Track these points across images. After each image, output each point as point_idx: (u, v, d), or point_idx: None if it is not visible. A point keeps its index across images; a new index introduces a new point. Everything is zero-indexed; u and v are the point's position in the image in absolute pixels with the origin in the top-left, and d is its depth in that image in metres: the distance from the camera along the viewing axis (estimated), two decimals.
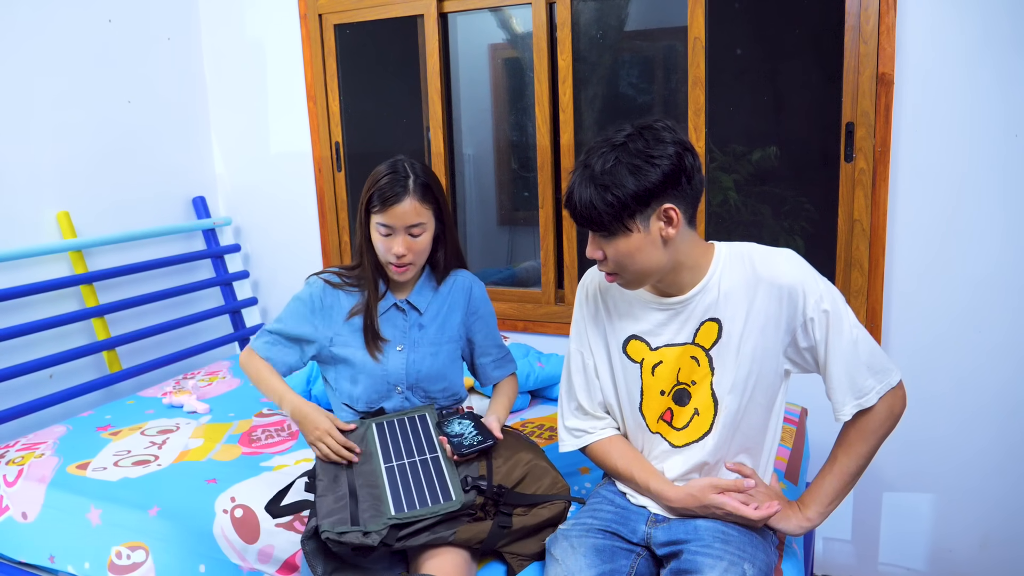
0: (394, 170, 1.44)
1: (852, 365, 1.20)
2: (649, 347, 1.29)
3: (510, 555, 1.33)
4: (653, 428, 1.31)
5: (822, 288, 1.20)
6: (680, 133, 1.19)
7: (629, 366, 1.31)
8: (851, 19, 1.91)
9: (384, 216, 1.42)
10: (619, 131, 1.19)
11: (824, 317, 1.19)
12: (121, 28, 2.48)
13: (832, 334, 1.20)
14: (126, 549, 1.59)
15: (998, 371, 1.91)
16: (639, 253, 1.18)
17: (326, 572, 1.25)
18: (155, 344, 2.58)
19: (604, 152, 1.17)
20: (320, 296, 1.52)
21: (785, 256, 1.23)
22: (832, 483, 1.25)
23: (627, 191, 1.14)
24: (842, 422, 1.25)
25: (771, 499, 1.25)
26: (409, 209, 1.41)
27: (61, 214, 2.29)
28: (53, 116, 2.29)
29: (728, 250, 1.26)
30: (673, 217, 1.16)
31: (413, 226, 1.43)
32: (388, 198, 1.41)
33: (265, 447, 1.85)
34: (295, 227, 2.79)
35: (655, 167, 1.14)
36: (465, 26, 2.53)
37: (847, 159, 1.98)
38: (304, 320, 1.51)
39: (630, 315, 1.31)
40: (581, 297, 1.39)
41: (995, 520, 1.98)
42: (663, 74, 2.29)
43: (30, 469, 1.78)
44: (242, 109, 2.79)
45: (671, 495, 1.26)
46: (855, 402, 1.22)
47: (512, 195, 2.62)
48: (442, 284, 1.57)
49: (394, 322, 1.53)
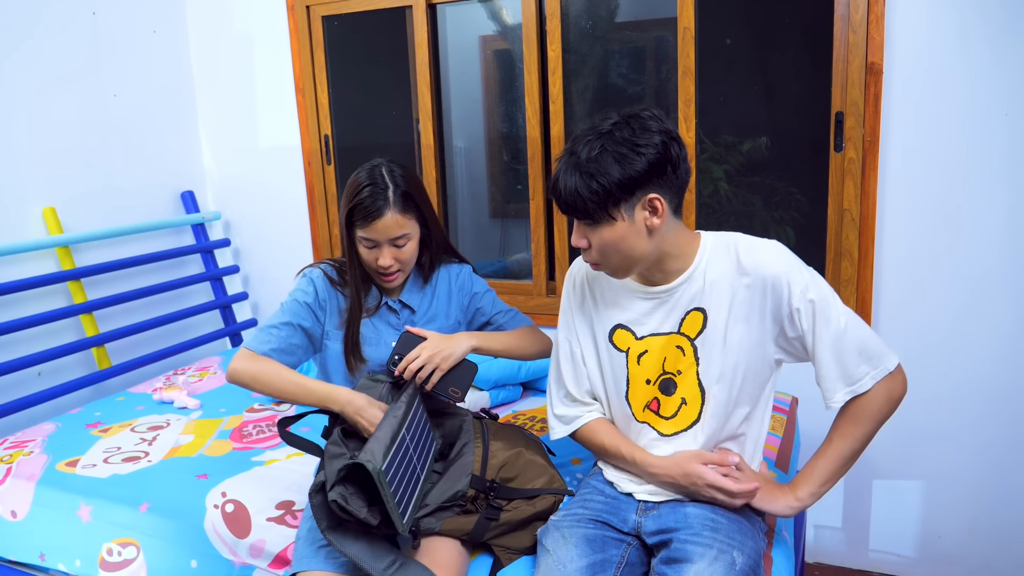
0: (372, 180, 1.39)
1: (841, 353, 1.20)
2: (635, 336, 1.30)
3: (499, 548, 1.33)
4: (640, 417, 1.32)
5: (807, 278, 1.20)
6: (667, 122, 1.19)
7: (615, 355, 1.32)
8: (840, 8, 1.91)
9: (366, 231, 1.39)
10: (606, 119, 1.19)
11: (810, 307, 1.19)
12: (106, 21, 2.45)
13: (819, 323, 1.20)
14: (117, 546, 1.58)
15: (986, 360, 1.93)
16: (623, 242, 1.18)
17: (330, 527, 1.24)
18: (145, 340, 2.56)
19: (590, 140, 1.17)
20: (322, 288, 1.48)
21: (770, 247, 1.23)
22: (825, 465, 1.25)
23: (612, 179, 1.14)
24: (835, 409, 1.25)
25: (755, 480, 1.26)
26: (391, 223, 1.38)
27: (47, 210, 2.27)
28: (38, 110, 2.26)
29: (714, 240, 1.26)
30: (658, 207, 1.16)
31: (397, 238, 1.40)
32: (369, 214, 1.37)
33: (256, 442, 1.84)
34: (285, 221, 2.78)
35: (640, 156, 1.14)
36: (454, 17, 2.51)
37: (837, 149, 1.99)
38: (310, 313, 1.46)
39: (616, 304, 1.31)
40: (568, 286, 1.39)
41: (983, 507, 2.00)
42: (653, 64, 2.28)
43: (19, 467, 1.77)
44: (230, 102, 2.77)
45: (655, 463, 1.28)
46: (847, 389, 1.22)
47: (504, 187, 2.62)
48: (430, 280, 1.56)
49: (387, 320, 1.51)
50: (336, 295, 1.49)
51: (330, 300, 1.48)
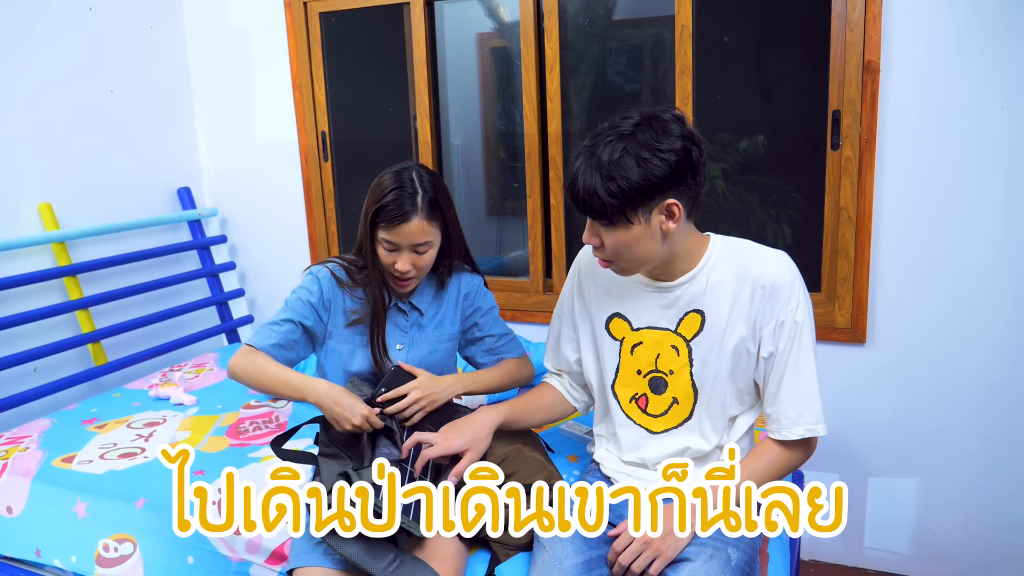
0: (400, 184, 1.36)
1: (808, 386, 1.22)
2: (631, 327, 1.30)
3: (496, 544, 1.33)
4: (626, 409, 1.32)
5: (802, 299, 1.21)
6: (688, 125, 1.17)
7: (610, 343, 1.33)
8: (838, 7, 1.91)
9: (389, 234, 1.37)
10: (626, 118, 1.16)
11: (794, 328, 1.21)
12: (102, 16, 2.44)
13: (795, 346, 1.21)
14: (113, 542, 1.58)
15: (980, 357, 1.93)
16: (637, 245, 1.17)
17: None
18: (141, 336, 2.56)
19: (611, 141, 1.14)
20: (328, 287, 1.47)
21: (779, 257, 1.23)
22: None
23: (632, 183, 1.12)
24: (783, 438, 1.24)
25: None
26: (416, 229, 1.36)
27: (43, 205, 2.26)
28: (34, 106, 2.25)
29: (723, 244, 1.27)
30: (675, 212, 1.16)
31: (419, 244, 1.38)
32: (394, 217, 1.35)
33: (253, 439, 1.84)
34: (282, 218, 2.77)
35: (663, 161, 1.12)
36: (452, 14, 2.51)
37: (833, 147, 1.99)
38: (312, 312, 1.46)
39: (615, 293, 1.32)
40: (573, 271, 1.41)
41: (977, 504, 2.01)
42: (651, 62, 2.28)
43: (15, 463, 1.76)
44: (227, 98, 2.76)
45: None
46: (808, 427, 1.22)
47: (501, 185, 2.62)
48: (445, 285, 1.54)
49: (395, 321, 1.51)
50: (342, 295, 1.48)
51: (335, 300, 1.47)
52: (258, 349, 1.40)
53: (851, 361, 2.05)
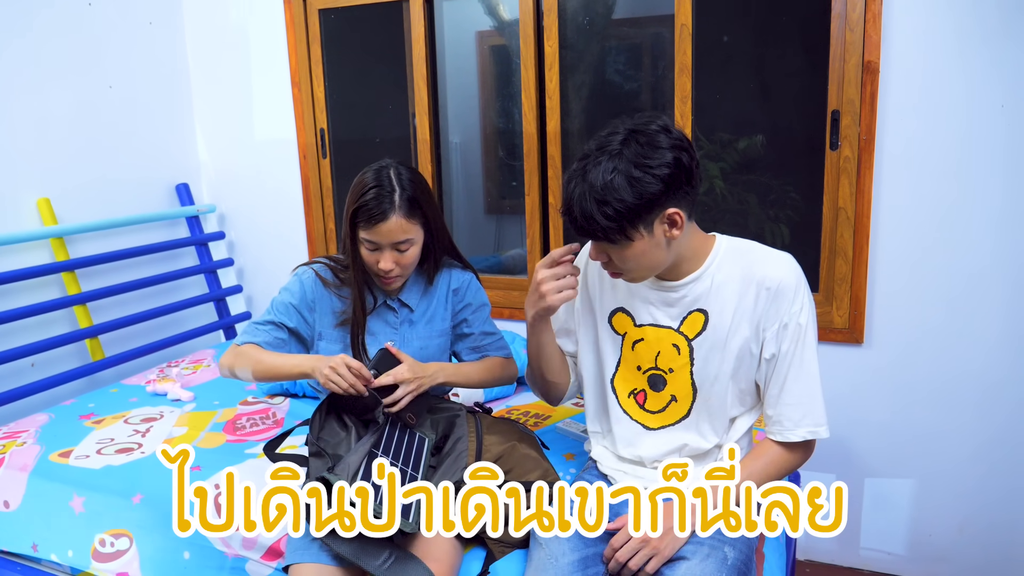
0: (379, 183, 1.37)
1: (812, 388, 1.22)
2: (634, 322, 1.30)
3: (492, 541, 1.33)
4: (624, 404, 1.32)
5: (807, 302, 1.22)
6: (675, 131, 1.14)
7: (612, 337, 1.33)
8: (837, 7, 1.91)
9: (369, 233, 1.37)
10: (613, 134, 1.14)
11: (798, 330, 1.21)
12: (101, 12, 2.44)
13: (799, 348, 1.21)
14: (110, 537, 1.58)
15: (978, 358, 1.94)
16: (644, 256, 1.17)
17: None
18: (139, 332, 2.56)
19: (600, 161, 1.12)
20: (312, 289, 1.48)
21: (784, 259, 1.23)
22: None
23: (627, 204, 1.10)
24: (785, 440, 1.25)
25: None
26: (395, 227, 1.36)
27: (41, 200, 2.26)
28: (33, 101, 2.25)
29: (728, 244, 1.27)
30: (677, 220, 1.15)
31: (400, 242, 1.39)
32: (373, 216, 1.35)
33: (250, 435, 1.84)
34: (280, 214, 2.77)
35: (654, 177, 1.10)
36: (451, 12, 2.51)
37: (832, 147, 1.99)
38: (295, 313, 1.47)
39: (620, 288, 1.32)
40: (580, 264, 1.39)
41: (973, 506, 2.01)
42: (650, 61, 2.28)
43: (12, 457, 1.76)
44: (226, 95, 2.76)
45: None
46: (811, 428, 1.23)
47: (499, 183, 2.62)
48: (433, 281, 1.55)
49: (385, 318, 1.51)
50: (329, 296, 1.48)
51: (321, 301, 1.48)
52: (252, 343, 1.43)
53: (848, 361, 2.06)
